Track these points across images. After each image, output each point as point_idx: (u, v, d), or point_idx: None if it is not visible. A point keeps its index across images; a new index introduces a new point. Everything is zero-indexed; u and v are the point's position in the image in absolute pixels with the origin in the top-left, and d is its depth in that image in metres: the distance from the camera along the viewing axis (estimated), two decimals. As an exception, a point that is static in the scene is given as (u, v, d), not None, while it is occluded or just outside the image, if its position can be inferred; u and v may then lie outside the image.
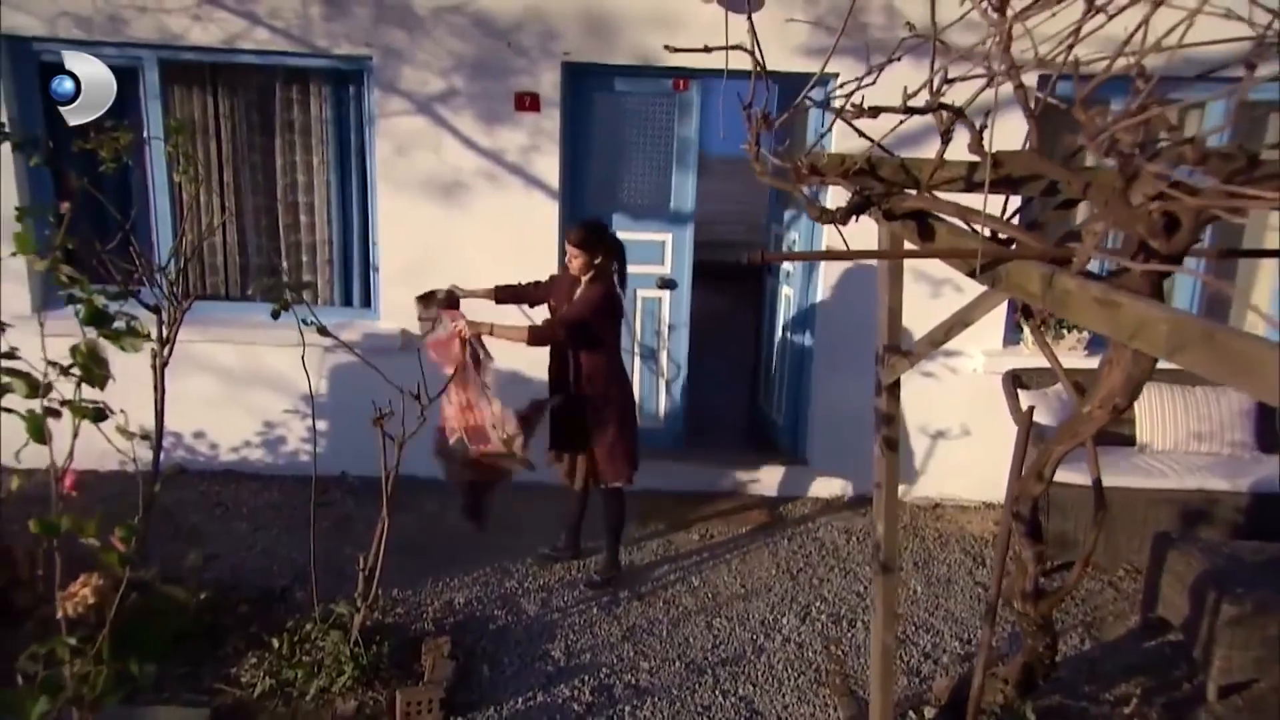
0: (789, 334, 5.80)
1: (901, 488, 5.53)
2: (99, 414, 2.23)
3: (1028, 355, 5.31)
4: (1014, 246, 2.07)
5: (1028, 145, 1.99)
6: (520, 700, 3.57)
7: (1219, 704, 3.68)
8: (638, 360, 5.68)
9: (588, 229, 4.25)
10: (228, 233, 5.63)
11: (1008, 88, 1.89)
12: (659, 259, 5.50)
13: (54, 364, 2.25)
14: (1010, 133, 2.10)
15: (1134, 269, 1.97)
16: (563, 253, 5.43)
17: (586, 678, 3.74)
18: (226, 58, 5.17)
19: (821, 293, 5.40)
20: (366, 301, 5.64)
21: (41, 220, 3.21)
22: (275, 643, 3.60)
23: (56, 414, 2.22)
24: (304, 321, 3.51)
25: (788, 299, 5.81)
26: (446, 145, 5.18)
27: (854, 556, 4.86)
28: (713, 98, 5.28)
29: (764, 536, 5.08)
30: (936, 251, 2.27)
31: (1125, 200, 1.85)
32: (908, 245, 2.48)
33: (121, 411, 2.39)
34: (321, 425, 5.59)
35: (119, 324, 2.23)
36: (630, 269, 4.53)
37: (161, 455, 5.61)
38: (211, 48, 5.08)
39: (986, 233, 2.11)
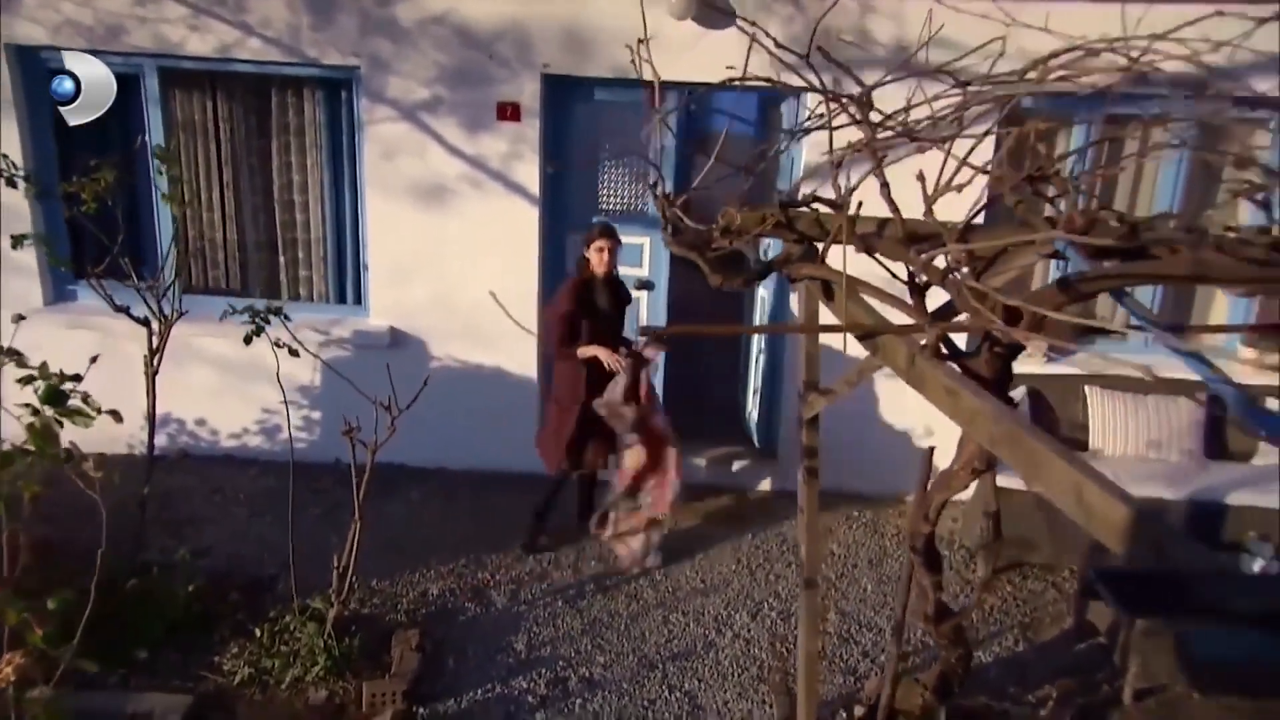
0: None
1: (866, 485, 5.76)
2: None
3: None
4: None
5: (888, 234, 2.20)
6: (480, 692, 3.87)
7: (1133, 707, 3.92)
8: (617, 357, 5.92)
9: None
10: (228, 230, 5.89)
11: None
12: (638, 261, 5.71)
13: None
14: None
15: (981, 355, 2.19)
16: (555, 254, 5.69)
17: (544, 670, 4.04)
18: (222, 66, 5.39)
19: (794, 295, 5.60)
20: (359, 299, 5.89)
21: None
22: (258, 632, 3.92)
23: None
24: (276, 344, 3.75)
25: (763, 300, 6.01)
26: (432, 152, 5.39)
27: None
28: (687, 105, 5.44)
29: (730, 531, 5.34)
30: (815, 328, 2.49)
31: (973, 294, 2.06)
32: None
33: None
34: (316, 414, 5.93)
35: (73, 401, 2.47)
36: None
37: (166, 441, 5.98)
38: (208, 57, 5.30)
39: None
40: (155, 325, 4.13)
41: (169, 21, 5.23)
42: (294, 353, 3.96)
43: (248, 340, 3.91)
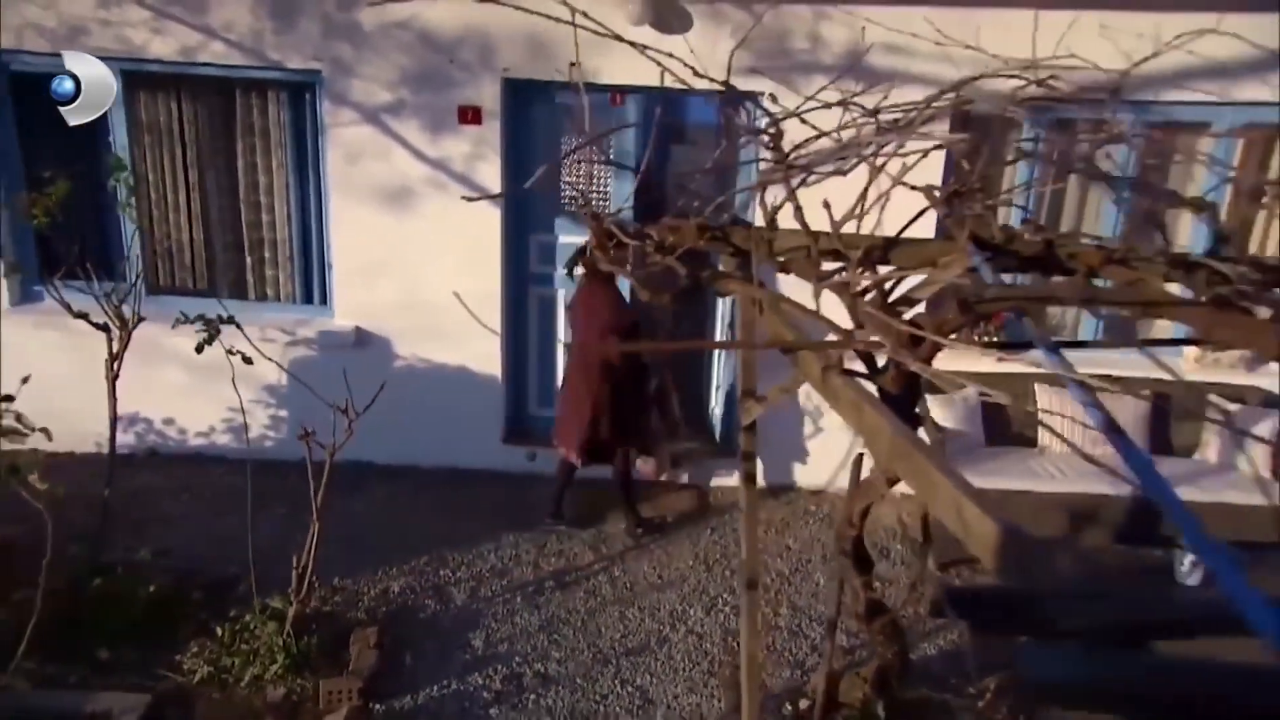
0: (728, 332, 6.11)
1: (828, 479, 5.89)
2: None
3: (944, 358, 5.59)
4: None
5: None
6: (436, 688, 3.98)
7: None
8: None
9: None
10: (194, 230, 5.94)
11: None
12: (600, 261, 5.79)
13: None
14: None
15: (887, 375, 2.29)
16: (518, 255, 5.79)
17: (500, 666, 4.15)
18: (186, 69, 5.43)
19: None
20: (325, 299, 5.96)
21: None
22: (219, 631, 4.01)
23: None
24: (230, 351, 3.83)
25: (728, 301, 6.11)
26: (395, 154, 5.45)
27: (768, 548, 5.24)
28: (650, 110, 5.53)
29: (690, 526, 5.46)
30: (744, 344, 2.59)
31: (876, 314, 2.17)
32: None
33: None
34: (283, 413, 6.00)
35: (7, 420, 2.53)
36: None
37: (135, 439, 6.04)
38: (171, 60, 5.34)
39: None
40: (115, 331, 4.18)
41: (132, 25, 5.27)
42: (248, 360, 4.02)
43: (199, 349, 3.99)
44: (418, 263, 5.59)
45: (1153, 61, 4.95)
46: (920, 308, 2.40)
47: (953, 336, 2.00)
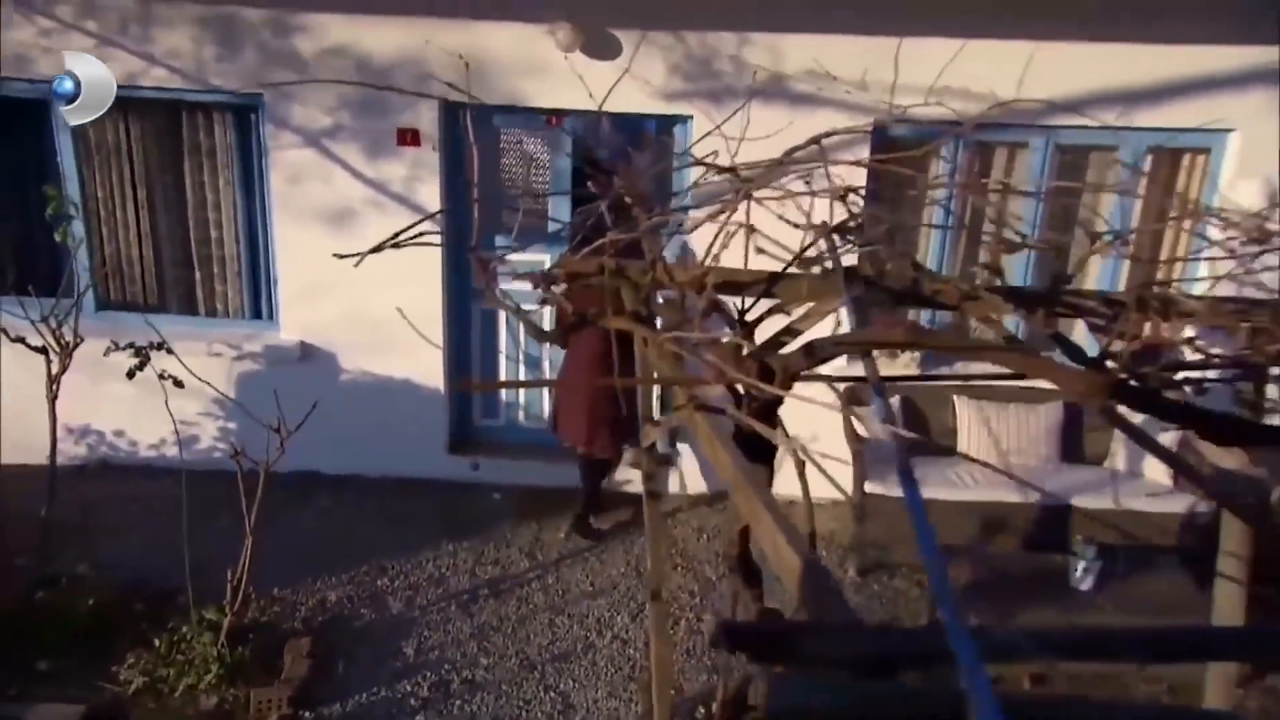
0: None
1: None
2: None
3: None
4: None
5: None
6: (365, 696, 4.16)
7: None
8: (523, 368, 6.21)
9: None
10: (144, 247, 6.09)
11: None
12: (539, 277, 5.97)
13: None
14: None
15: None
16: (459, 272, 5.98)
17: (429, 673, 4.34)
18: (130, 93, 5.56)
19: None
20: (272, 314, 6.11)
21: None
22: (156, 642, 4.18)
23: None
24: (161, 376, 3.99)
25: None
26: (336, 175, 5.62)
27: (699, 555, 5.45)
28: (584, 131, 5.72)
29: (624, 533, 5.66)
30: (626, 383, 2.78)
31: (734, 355, 2.37)
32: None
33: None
34: (232, 425, 6.15)
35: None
36: (515, 286, 5.16)
37: (86, 451, 6.19)
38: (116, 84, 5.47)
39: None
40: (53, 354, 4.33)
41: (76, 51, 5.40)
42: (179, 383, 4.19)
43: (130, 375, 4.15)
44: (361, 279, 5.71)
45: (1062, 88, 5.25)
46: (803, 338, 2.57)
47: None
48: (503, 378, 6.20)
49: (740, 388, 2.49)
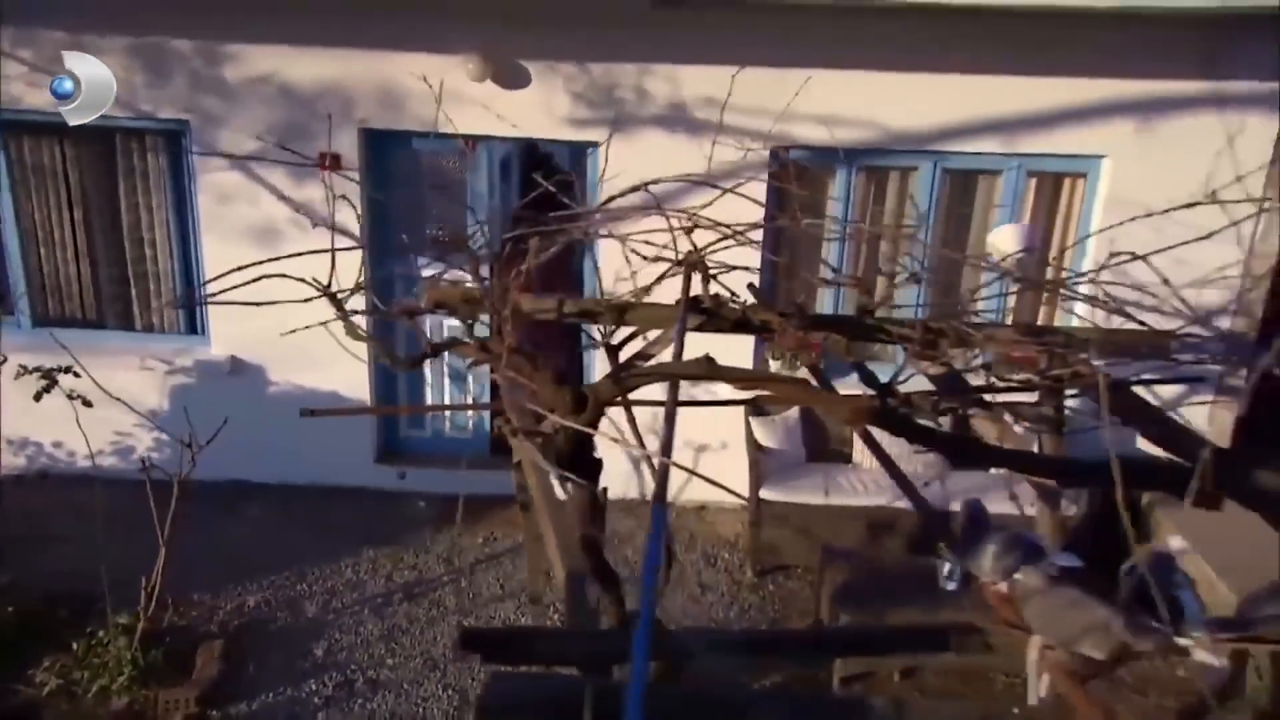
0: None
1: (673, 491, 6.38)
2: None
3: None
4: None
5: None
6: (272, 695, 4.42)
7: (839, 691, 4.58)
8: (447, 381, 6.48)
9: None
10: (81, 265, 6.32)
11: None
12: (461, 294, 6.24)
13: None
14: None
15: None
16: (383, 289, 6.22)
17: (336, 673, 4.60)
18: (62, 118, 5.80)
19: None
20: (204, 330, 6.36)
21: None
22: (74, 646, 4.42)
23: None
24: (69, 396, 4.24)
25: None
26: (262, 198, 5.87)
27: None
28: (498, 157, 6.00)
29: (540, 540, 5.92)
30: (471, 406, 3.05)
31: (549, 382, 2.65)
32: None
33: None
34: (165, 436, 6.38)
35: None
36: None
37: (26, 462, 6.41)
38: (46, 110, 5.70)
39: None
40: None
41: (9, 78, 5.64)
42: (88, 403, 4.45)
43: (37, 397, 4.41)
44: (288, 297, 5.99)
45: (949, 117, 5.58)
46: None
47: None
48: (428, 392, 6.45)
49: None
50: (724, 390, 2.66)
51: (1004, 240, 3.84)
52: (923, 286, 5.11)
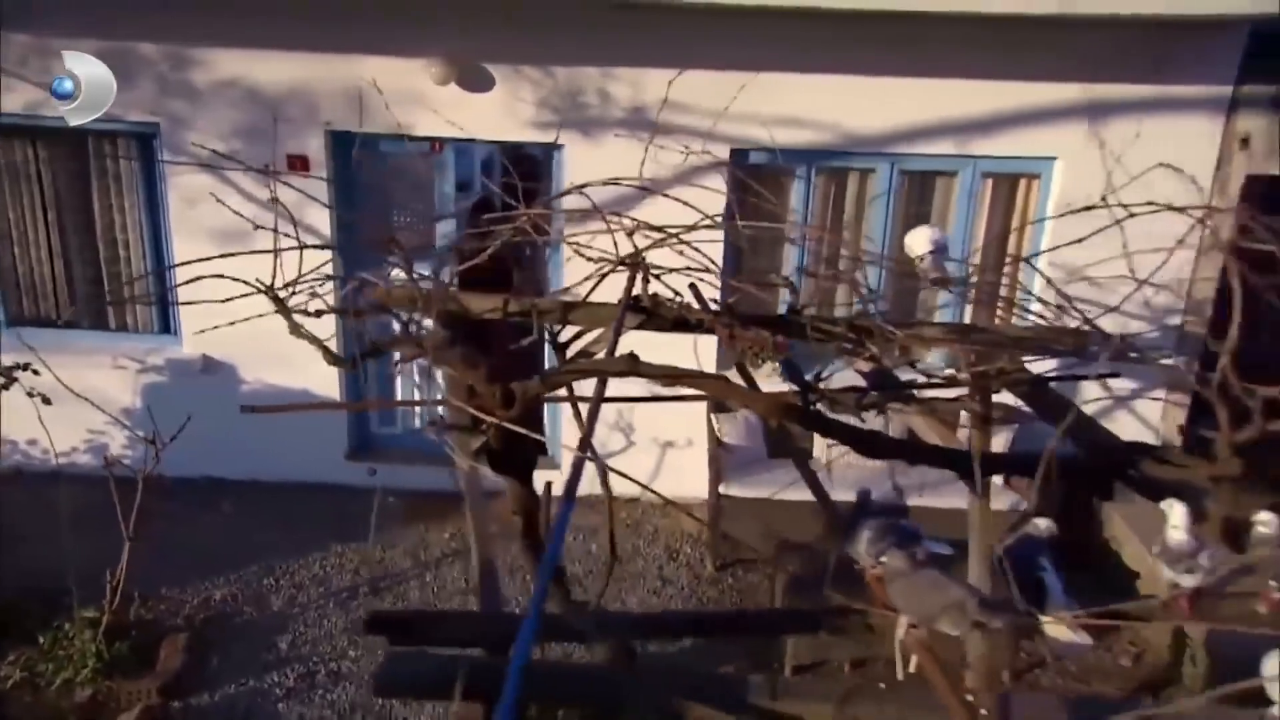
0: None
1: (638, 489, 6.48)
2: None
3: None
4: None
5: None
6: (234, 686, 4.52)
7: (791, 679, 4.69)
8: (418, 379, 6.57)
9: None
10: (55, 266, 6.41)
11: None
12: (429, 293, 6.34)
13: None
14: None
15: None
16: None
17: (299, 665, 4.70)
18: (36, 121, 5.89)
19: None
20: (176, 329, 6.45)
21: None
22: (40, 640, 4.52)
23: None
24: (29, 393, 4.34)
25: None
26: (230, 199, 5.93)
27: (571, 552, 5.82)
28: (464, 159, 6.09)
29: (504, 536, 6.01)
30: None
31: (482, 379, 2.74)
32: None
33: None
34: (139, 433, 6.48)
35: None
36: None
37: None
38: (17, 114, 5.80)
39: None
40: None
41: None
42: (47, 400, 4.55)
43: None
44: (255, 300, 6.08)
45: (907, 120, 5.70)
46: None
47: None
48: (398, 390, 6.54)
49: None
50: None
51: (917, 241, 3.99)
52: (879, 286, 5.23)
